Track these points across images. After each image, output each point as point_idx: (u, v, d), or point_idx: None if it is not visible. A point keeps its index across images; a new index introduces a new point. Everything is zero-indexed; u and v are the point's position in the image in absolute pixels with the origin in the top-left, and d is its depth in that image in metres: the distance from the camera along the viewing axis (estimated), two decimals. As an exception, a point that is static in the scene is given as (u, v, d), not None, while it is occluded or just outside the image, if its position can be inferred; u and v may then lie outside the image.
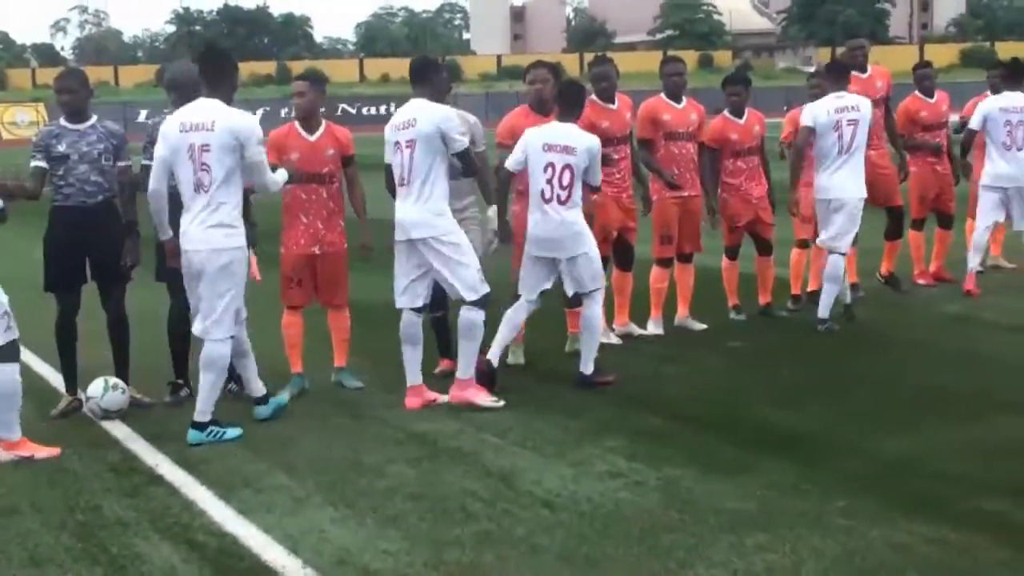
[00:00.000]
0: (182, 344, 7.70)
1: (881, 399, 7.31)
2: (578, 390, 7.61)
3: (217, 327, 6.81)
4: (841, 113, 9.12)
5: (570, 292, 7.78)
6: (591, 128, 8.35)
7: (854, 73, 9.96)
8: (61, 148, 7.36)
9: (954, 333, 9.27)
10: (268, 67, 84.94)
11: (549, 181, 7.57)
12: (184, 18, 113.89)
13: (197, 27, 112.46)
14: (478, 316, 7.32)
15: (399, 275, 7.42)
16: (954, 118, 11.27)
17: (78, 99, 7.51)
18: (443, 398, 7.45)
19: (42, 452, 6.56)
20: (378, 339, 8.43)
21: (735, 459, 6.18)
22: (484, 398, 7.32)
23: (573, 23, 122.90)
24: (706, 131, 9.41)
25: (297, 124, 7.83)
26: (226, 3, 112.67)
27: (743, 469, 5.99)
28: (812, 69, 15.93)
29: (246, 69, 76.09)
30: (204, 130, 6.71)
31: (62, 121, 7.47)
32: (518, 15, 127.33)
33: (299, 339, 7.92)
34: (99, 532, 5.42)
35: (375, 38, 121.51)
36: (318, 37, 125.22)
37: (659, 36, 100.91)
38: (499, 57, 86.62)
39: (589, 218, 7.97)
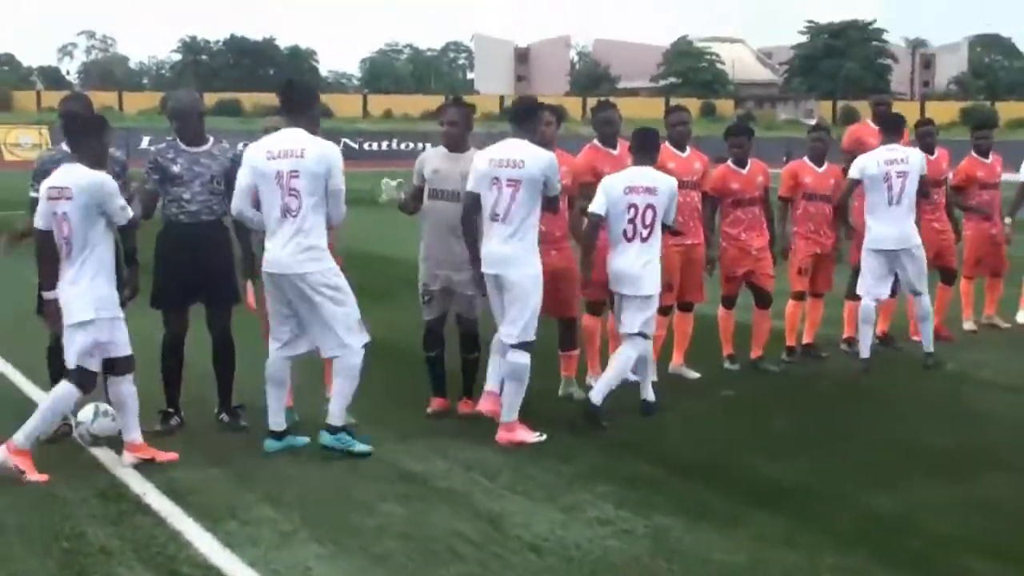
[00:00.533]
0: (175, 373, 7.68)
1: (874, 454, 7.29)
2: (570, 435, 7.57)
3: (351, 338, 6.99)
4: (891, 165, 9.53)
5: (619, 330, 8.04)
6: (592, 172, 8.42)
7: (874, 126, 10.43)
8: (62, 173, 7.33)
9: (949, 390, 9.25)
10: (273, 98, 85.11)
11: (631, 221, 7.88)
12: (191, 47, 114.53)
13: (203, 56, 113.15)
14: (524, 359, 7.41)
15: (496, 306, 7.57)
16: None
17: (82, 124, 7.50)
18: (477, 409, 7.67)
19: (33, 475, 6.53)
20: (371, 372, 8.37)
21: (725, 509, 6.15)
22: (531, 435, 7.44)
23: (577, 67, 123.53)
24: (708, 179, 9.43)
25: None
26: (232, 34, 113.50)
27: (733, 520, 5.96)
28: (813, 122, 16.07)
29: (251, 100, 76.43)
30: (293, 157, 6.87)
31: (64, 146, 7.41)
32: (522, 56, 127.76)
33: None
34: (83, 559, 5.39)
35: (380, 74, 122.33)
36: (323, 71, 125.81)
37: (662, 83, 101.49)
38: (502, 97, 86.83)
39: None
